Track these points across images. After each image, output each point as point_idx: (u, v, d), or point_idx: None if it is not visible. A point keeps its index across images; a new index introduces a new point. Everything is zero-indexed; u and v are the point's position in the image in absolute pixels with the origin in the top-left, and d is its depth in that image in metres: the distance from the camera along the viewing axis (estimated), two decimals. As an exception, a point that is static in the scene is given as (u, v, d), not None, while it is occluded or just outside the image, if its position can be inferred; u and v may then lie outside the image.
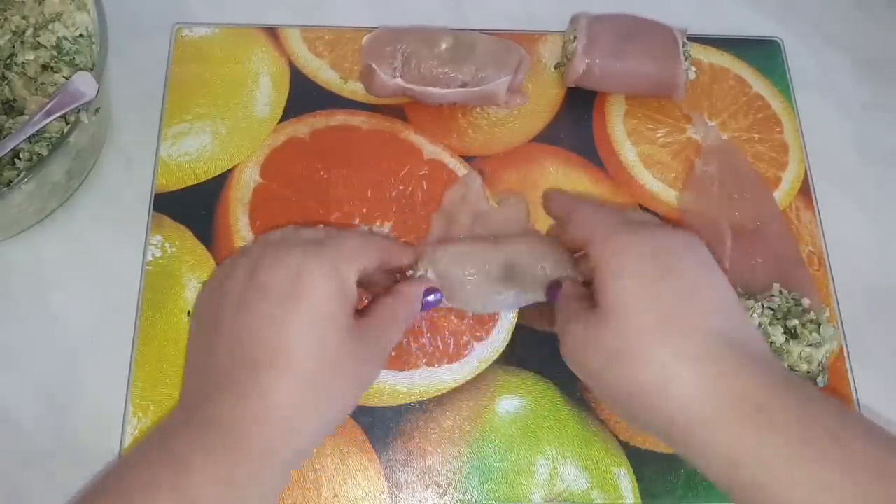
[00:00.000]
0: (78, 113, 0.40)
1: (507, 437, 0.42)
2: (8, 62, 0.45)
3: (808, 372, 0.41)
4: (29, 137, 0.41)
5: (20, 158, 0.42)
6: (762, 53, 0.54)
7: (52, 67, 0.45)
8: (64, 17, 0.45)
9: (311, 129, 0.49)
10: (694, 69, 0.49)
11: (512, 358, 0.44)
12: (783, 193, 0.49)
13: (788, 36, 0.55)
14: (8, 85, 0.44)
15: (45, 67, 0.45)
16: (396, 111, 0.50)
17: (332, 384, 0.34)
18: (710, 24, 0.55)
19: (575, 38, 0.48)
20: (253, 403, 0.32)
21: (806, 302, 0.42)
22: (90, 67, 0.44)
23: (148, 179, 0.47)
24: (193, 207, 0.46)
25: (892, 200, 0.51)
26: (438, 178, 0.48)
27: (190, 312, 0.44)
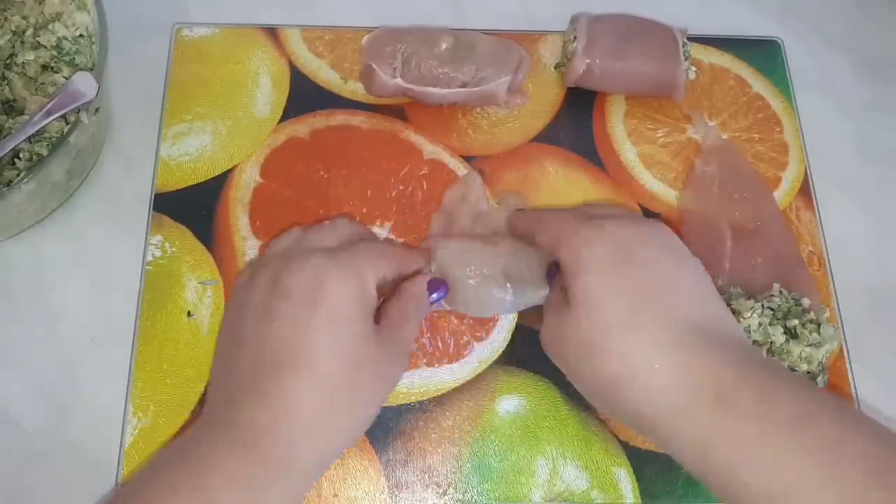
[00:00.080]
0: (78, 113, 0.40)
1: (507, 437, 0.42)
2: (8, 62, 0.45)
3: (808, 372, 0.41)
4: (29, 137, 0.41)
5: (20, 158, 0.42)
6: (762, 53, 0.54)
7: (52, 67, 0.45)
8: (64, 17, 0.45)
9: (311, 129, 0.49)
10: (694, 69, 0.49)
11: (512, 358, 0.44)
12: (783, 193, 0.49)
13: (788, 36, 0.55)
14: (8, 85, 0.44)
15: (45, 67, 0.45)
16: (396, 111, 0.50)
17: (354, 386, 0.34)
18: (710, 24, 0.55)
19: (575, 38, 0.48)
20: (274, 404, 0.32)
21: (806, 302, 0.42)
22: (90, 67, 0.44)
23: (148, 179, 0.47)
24: (193, 207, 0.46)
25: (892, 200, 0.51)
26: (438, 178, 0.48)
27: (190, 312, 0.44)
